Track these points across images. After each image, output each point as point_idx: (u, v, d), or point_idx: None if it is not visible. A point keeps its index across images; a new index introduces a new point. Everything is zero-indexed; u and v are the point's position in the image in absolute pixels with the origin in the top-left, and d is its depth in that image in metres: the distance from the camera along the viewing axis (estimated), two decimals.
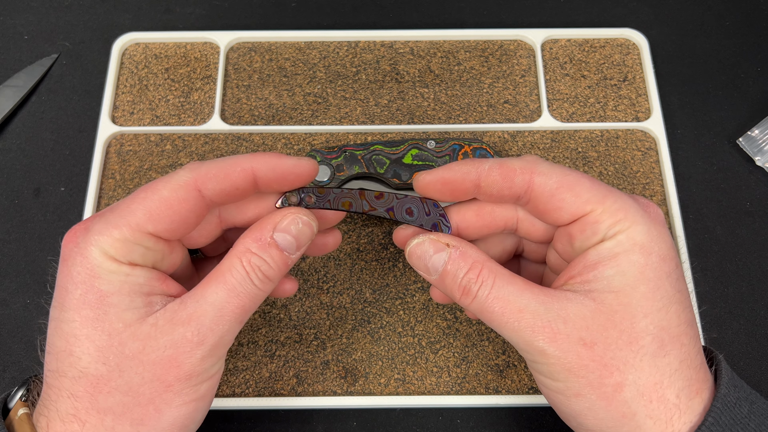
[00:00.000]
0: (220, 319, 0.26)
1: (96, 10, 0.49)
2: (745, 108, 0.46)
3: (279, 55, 0.47)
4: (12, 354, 0.38)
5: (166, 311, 0.26)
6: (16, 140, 0.45)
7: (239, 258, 0.27)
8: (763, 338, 0.39)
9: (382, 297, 0.39)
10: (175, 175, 0.27)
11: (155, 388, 0.25)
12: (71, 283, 0.26)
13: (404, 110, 0.45)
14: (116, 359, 0.25)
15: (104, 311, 0.26)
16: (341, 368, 0.37)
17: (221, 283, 0.27)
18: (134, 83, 0.46)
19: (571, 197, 0.27)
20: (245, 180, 0.28)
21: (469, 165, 0.29)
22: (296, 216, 0.28)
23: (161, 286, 0.27)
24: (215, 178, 0.27)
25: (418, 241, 0.29)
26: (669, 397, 0.26)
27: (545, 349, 0.26)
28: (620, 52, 0.47)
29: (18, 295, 0.40)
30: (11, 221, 0.42)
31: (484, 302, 0.27)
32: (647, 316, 0.26)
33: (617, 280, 0.26)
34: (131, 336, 0.25)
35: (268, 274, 0.27)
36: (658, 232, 0.27)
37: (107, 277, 0.26)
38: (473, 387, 0.37)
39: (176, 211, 0.27)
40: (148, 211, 0.26)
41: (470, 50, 0.47)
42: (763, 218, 0.42)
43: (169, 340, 0.25)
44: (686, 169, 0.44)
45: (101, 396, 0.25)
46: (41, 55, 0.47)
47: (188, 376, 0.26)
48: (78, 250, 0.26)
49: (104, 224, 0.26)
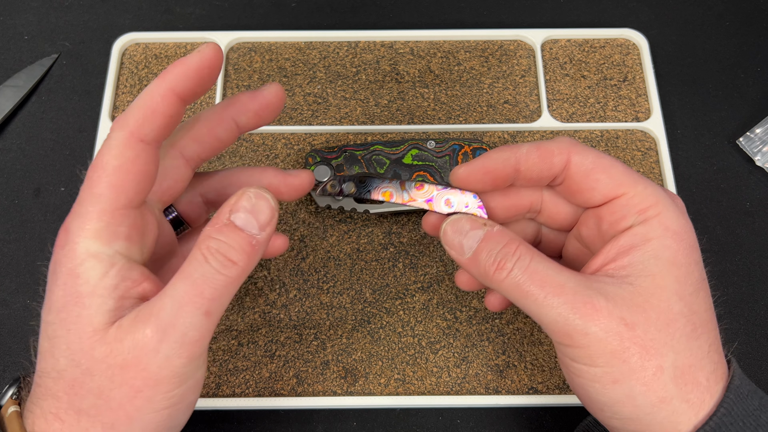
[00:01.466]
0: (180, 311, 0.25)
1: (96, 11, 0.49)
2: (745, 108, 0.46)
3: (279, 56, 0.47)
4: (12, 354, 0.38)
5: (131, 313, 0.25)
6: (16, 140, 0.45)
7: (198, 247, 0.26)
8: (762, 338, 0.39)
9: (382, 297, 0.39)
10: (111, 140, 0.26)
11: (125, 393, 0.25)
12: (55, 285, 0.26)
13: (404, 110, 0.45)
14: (87, 362, 0.25)
15: (77, 314, 0.25)
16: (341, 368, 0.37)
17: (181, 274, 0.25)
18: (134, 83, 0.46)
19: (606, 178, 0.28)
20: (170, 103, 0.27)
21: (507, 151, 0.29)
22: (248, 191, 0.27)
23: (136, 288, 0.26)
24: (145, 120, 0.26)
25: (455, 217, 0.29)
26: (701, 380, 0.26)
27: (586, 328, 0.25)
28: (620, 52, 0.47)
29: (18, 295, 0.40)
30: (11, 221, 0.42)
31: (520, 277, 0.27)
32: (682, 299, 0.26)
33: (652, 263, 0.26)
34: (100, 340, 0.25)
35: (228, 255, 0.26)
36: (687, 221, 0.28)
37: (85, 277, 0.25)
38: (473, 387, 0.37)
39: (136, 172, 0.26)
40: (111, 188, 0.26)
41: (470, 50, 0.47)
42: (763, 218, 0.42)
43: (132, 340, 0.25)
44: (686, 169, 0.44)
45: (77, 398, 0.25)
46: (41, 55, 0.47)
47: (156, 381, 0.25)
48: (63, 252, 0.26)
49: (80, 219, 0.26)
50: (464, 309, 0.39)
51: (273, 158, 0.43)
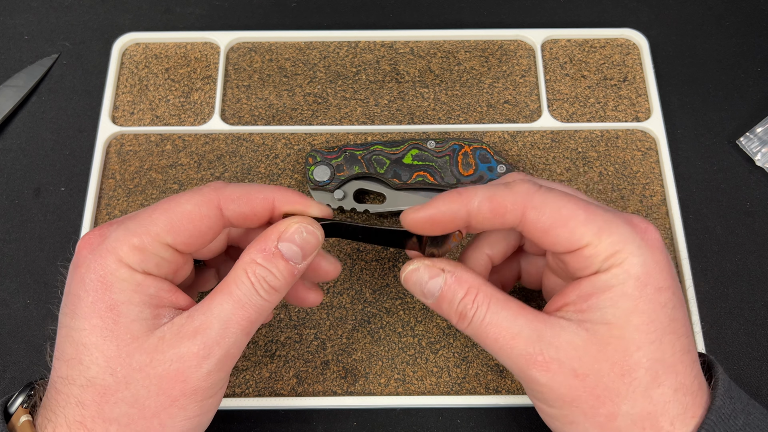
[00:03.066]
0: (226, 332, 0.26)
1: (96, 11, 0.49)
2: (745, 108, 0.46)
3: (279, 55, 0.47)
4: (12, 354, 0.38)
5: (173, 324, 0.26)
6: (16, 140, 0.45)
7: (244, 270, 0.27)
8: (763, 338, 0.39)
9: (382, 297, 0.39)
10: (199, 191, 0.28)
11: (160, 402, 0.25)
12: (83, 290, 0.26)
13: (404, 110, 0.45)
14: (123, 371, 0.25)
15: (114, 321, 0.26)
16: (341, 368, 0.37)
17: (227, 295, 0.27)
18: (134, 83, 0.46)
19: (566, 234, 0.27)
20: (264, 208, 0.28)
21: (457, 202, 0.28)
22: (300, 225, 0.28)
23: (171, 298, 0.27)
24: (238, 200, 0.28)
25: (413, 267, 0.29)
26: (663, 425, 0.26)
27: (538, 378, 0.26)
28: (620, 52, 0.47)
29: (18, 296, 0.40)
30: (11, 221, 0.42)
31: (479, 327, 0.28)
32: (640, 348, 0.26)
33: (611, 312, 0.26)
34: (138, 348, 0.26)
35: (273, 284, 0.27)
36: (655, 261, 0.27)
37: (119, 285, 0.26)
38: (473, 387, 0.37)
39: (196, 226, 0.27)
40: (169, 223, 0.27)
41: (470, 50, 0.47)
42: (763, 218, 0.42)
43: (176, 353, 0.25)
44: (686, 169, 0.44)
45: (107, 406, 0.25)
46: (41, 55, 0.47)
47: (194, 391, 0.26)
48: (92, 257, 0.26)
49: (123, 232, 0.27)
50: None
51: (273, 158, 0.43)
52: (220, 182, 0.29)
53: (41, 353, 0.38)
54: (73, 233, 0.41)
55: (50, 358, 0.28)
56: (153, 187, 0.42)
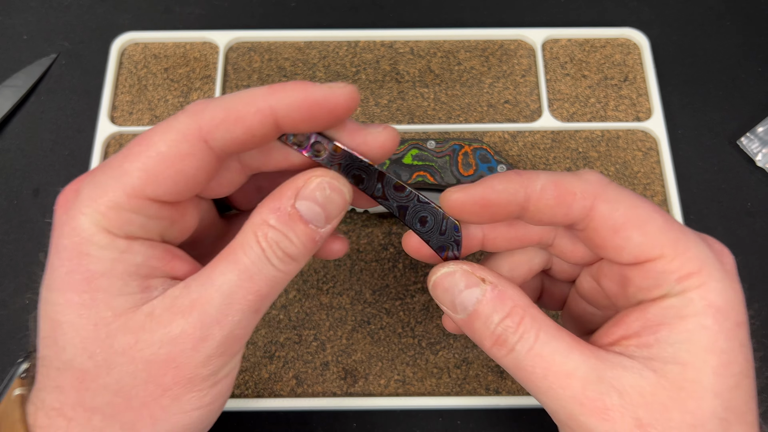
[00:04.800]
0: (229, 308, 0.21)
1: (95, 10, 0.49)
2: (746, 108, 0.45)
3: (278, 55, 0.47)
4: (11, 354, 0.38)
5: (165, 297, 0.21)
6: (15, 140, 0.44)
7: (254, 233, 0.22)
8: (764, 339, 0.39)
9: (382, 298, 0.39)
10: (173, 123, 0.21)
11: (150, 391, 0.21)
12: (57, 259, 0.21)
13: (404, 110, 0.45)
14: (104, 354, 0.21)
15: (91, 296, 0.21)
16: (341, 369, 0.37)
17: (232, 262, 0.21)
18: (133, 83, 0.46)
19: (640, 237, 0.22)
20: (263, 123, 0.22)
21: (516, 182, 0.23)
22: (323, 179, 0.22)
23: (164, 266, 0.22)
24: (224, 124, 0.21)
25: (447, 270, 0.24)
26: None
27: (594, 428, 0.22)
28: (621, 51, 0.47)
29: (17, 296, 0.40)
30: (10, 222, 0.42)
31: (523, 359, 0.22)
32: (718, 396, 0.22)
33: (685, 349, 0.22)
34: (122, 327, 0.21)
35: (290, 252, 0.22)
36: (735, 291, 0.23)
37: (97, 253, 0.21)
38: (473, 388, 0.37)
39: (179, 170, 0.21)
40: (145, 171, 0.21)
41: (470, 50, 0.47)
42: (764, 219, 0.42)
43: (166, 334, 0.21)
44: (687, 169, 0.43)
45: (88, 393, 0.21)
46: (40, 55, 0.47)
47: (189, 380, 0.21)
48: (66, 219, 0.21)
49: (93, 187, 0.21)
50: None
51: None
52: (201, 102, 0.22)
53: None
54: None
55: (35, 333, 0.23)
56: None
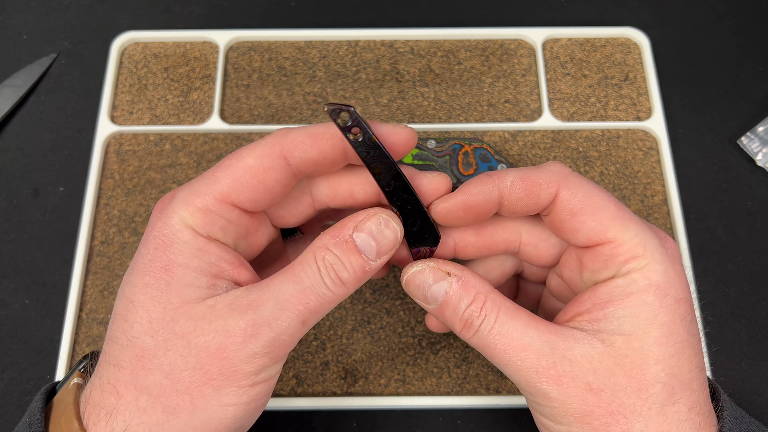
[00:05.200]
0: (280, 313, 0.24)
1: (95, 10, 0.49)
2: (747, 108, 0.45)
3: (278, 55, 0.46)
4: (11, 354, 0.38)
5: (227, 296, 0.24)
6: (14, 140, 0.44)
7: (313, 253, 0.25)
8: (764, 338, 0.39)
9: (382, 297, 0.39)
10: (261, 143, 0.26)
11: (195, 376, 0.23)
12: (145, 248, 0.25)
13: (404, 109, 0.45)
14: (165, 335, 0.24)
15: (166, 282, 0.24)
16: (341, 369, 0.37)
17: (290, 275, 0.24)
18: (133, 83, 0.46)
19: (593, 222, 0.26)
20: (333, 148, 0.25)
21: (489, 183, 0.26)
22: (380, 216, 0.26)
23: (232, 270, 0.25)
24: (302, 145, 0.25)
25: (416, 269, 0.27)
26: None
27: (549, 392, 0.25)
28: (621, 51, 0.47)
29: (17, 296, 0.40)
30: (10, 221, 0.42)
31: (486, 337, 0.26)
32: (659, 362, 0.25)
33: (629, 322, 0.25)
34: (185, 314, 0.24)
35: (342, 276, 0.25)
36: (676, 272, 0.25)
37: (179, 246, 0.24)
38: (473, 387, 0.37)
39: (261, 180, 0.25)
40: (232, 180, 0.25)
41: (471, 49, 0.47)
42: (764, 218, 0.42)
43: (221, 325, 0.23)
44: (687, 168, 0.43)
45: (142, 372, 0.24)
46: (40, 54, 0.47)
47: (233, 372, 0.23)
48: (160, 216, 0.25)
49: (188, 192, 0.25)
50: None
51: None
52: (284, 129, 0.26)
53: (41, 353, 0.38)
54: (71, 233, 0.41)
55: None
56: (152, 186, 0.42)
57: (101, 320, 0.38)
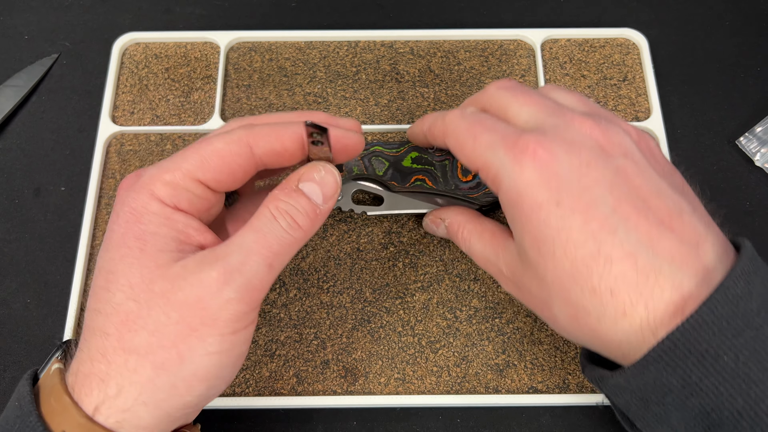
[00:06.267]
0: (246, 259, 0.26)
1: (96, 10, 0.49)
2: (745, 108, 0.46)
3: (279, 55, 0.47)
4: (12, 354, 0.38)
5: (196, 255, 0.27)
6: (16, 140, 0.45)
7: (266, 206, 0.28)
8: None
9: (382, 296, 0.39)
10: (229, 129, 0.28)
11: (180, 330, 0.25)
12: (116, 224, 0.27)
13: (404, 110, 0.45)
14: (146, 296, 0.25)
15: (140, 249, 0.26)
16: (341, 368, 0.37)
17: (248, 228, 0.27)
18: (134, 83, 0.46)
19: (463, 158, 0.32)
20: (295, 144, 0.29)
21: (419, 124, 0.37)
22: (316, 163, 0.29)
23: (198, 237, 0.28)
24: (266, 137, 0.28)
25: (425, 223, 0.40)
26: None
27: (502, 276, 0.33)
28: (620, 52, 0.47)
29: (18, 295, 0.40)
30: (11, 221, 0.42)
31: (469, 251, 0.36)
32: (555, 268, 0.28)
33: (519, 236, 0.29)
34: (161, 276, 0.26)
35: (296, 218, 0.28)
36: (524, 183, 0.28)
37: (148, 217, 0.27)
38: (473, 386, 0.37)
39: (227, 163, 0.28)
40: (200, 160, 0.27)
41: (470, 50, 0.47)
42: (763, 218, 0.42)
43: (196, 279, 0.25)
44: (686, 168, 0.43)
45: (129, 334, 0.25)
46: (41, 55, 0.47)
47: (213, 321, 0.25)
48: (127, 194, 0.27)
49: (157, 169, 0.27)
50: (464, 308, 0.39)
51: None
52: (248, 118, 0.29)
53: (42, 352, 0.38)
54: (73, 233, 0.41)
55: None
56: None
57: None
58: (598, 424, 0.37)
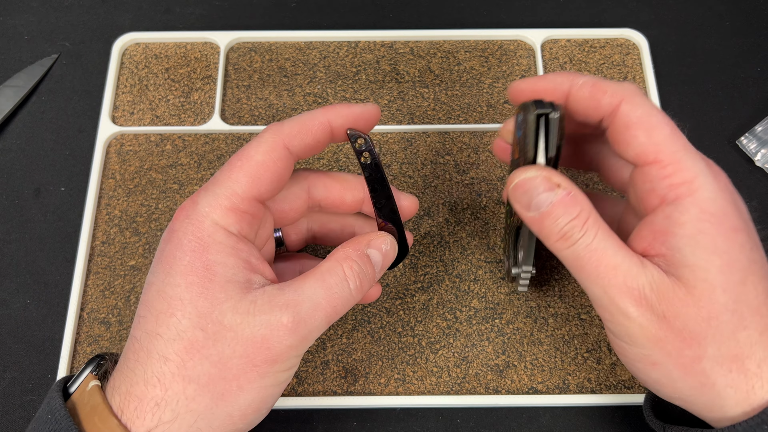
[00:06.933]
0: (315, 313, 0.27)
1: (96, 11, 0.49)
2: (745, 108, 0.46)
3: (279, 55, 0.47)
4: (12, 354, 0.38)
5: (265, 292, 0.27)
6: (16, 140, 0.45)
7: (339, 262, 0.29)
8: None
9: (382, 297, 0.39)
10: (263, 140, 0.29)
11: (242, 364, 0.26)
12: (180, 251, 0.27)
13: (404, 110, 0.45)
14: (214, 327, 0.26)
15: (209, 279, 0.26)
16: (341, 368, 0.37)
17: (320, 280, 0.28)
18: (134, 83, 0.46)
19: (644, 137, 0.27)
20: (323, 132, 0.30)
21: (564, 76, 0.29)
22: (386, 237, 0.31)
23: (260, 266, 0.28)
24: (298, 135, 0.29)
25: (529, 175, 0.28)
26: (750, 367, 0.26)
27: (630, 312, 0.26)
28: (620, 52, 0.47)
29: (18, 295, 0.40)
30: (11, 221, 0.42)
31: (582, 251, 0.27)
32: (726, 291, 0.26)
33: (690, 253, 0.26)
34: (231, 308, 0.26)
35: (363, 282, 0.29)
36: (725, 200, 0.26)
37: (216, 247, 0.27)
38: (473, 387, 0.37)
39: (274, 172, 0.28)
40: (250, 177, 0.28)
41: (470, 50, 0.47)
42: (763, 218, 0.42)
43: (265, 320, 0.26)
44: None
45: (191, 362, 0.25)
46: (41, 55, 0.47)
47: (274, 360, 0.26)
48: (189, 222, 0.27)
49: (213, 196, 0.28)
50: (464, 309, 0.39)
51: None
52: (276, 123, 0.30)
53: (42, 353, 0.38)
54: (73, 233, 0.41)
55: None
56: (153, 187, 0.42)
57: (102, 320, 0.39)
58: (598, 424, 0.37)
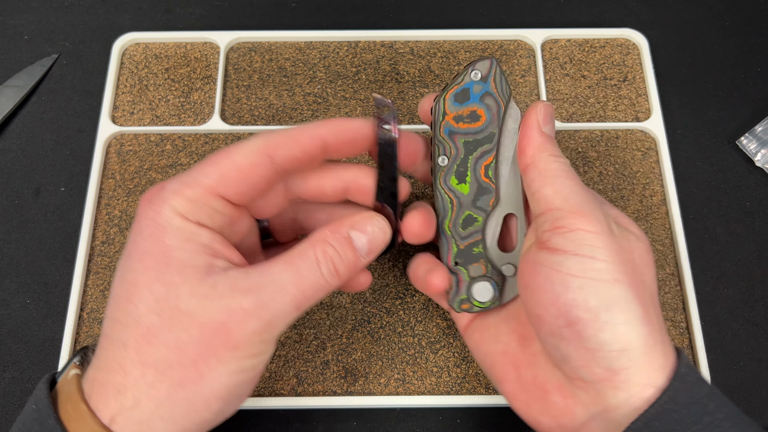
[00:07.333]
0: (278, 297, 0.26)
1: (96, 11, 0.49)
2: (745, 108, 0.46)
3: (279, 55, 0.47)
4: (12, 354, 0.38)
5: (227, 276, 0.26)
6: (16, 140, 0.45)
7: (312, 245, 0.27)
8: (763, 338, 0.39)
9: (382, 297, 0.39)
10: (248, 142, 0.28)
11: (200, 350, 0.25)
12: (140, 237, 0.27)
13: (404, 110, 0.45)
14: (170, 312, 0.25)
15: (166, 263, 0.26)
16: (341, 368, 0.37)
17: (288, 263, 0.27)
18: (134, 83, 0.46)
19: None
20: (314, 146, 0.28)
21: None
22: (375, 218, 0.29)
23: (224, 251, 0.27)
24: (286, 145, 0.28)
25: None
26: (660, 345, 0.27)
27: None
28: (620, 52, 0.47)
29: (18, 295, 0.40)
30: (11, 221, 0.42)
31: None
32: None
33: None
34: (188, 292, 0.25)
35: (338, 267, 0.28)
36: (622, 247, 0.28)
37: (172, 231, 0.26)
38: (473, 387, 0.37)
39: (247, 176, 0.27)
40: (220, 174, 0.27)
41: (470, 50, 0.47)
42: (763, 218, 0.42)
43: (225, 305, 0.25)
44: (686, 169, 0.44)
45: (148, 347, 0.25)
46: (41, 55, 0.47)
47: (235, 346, 0.25)
48: (150, 207, 0.27)
49: (178, 184, 0.27)
50: None
51: None
52: (268, 131, 0.29)
53: (42, 353, 0.38)
54: (73, 233, 0.41)
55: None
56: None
57: (102, 320, 0.39)
58: None
